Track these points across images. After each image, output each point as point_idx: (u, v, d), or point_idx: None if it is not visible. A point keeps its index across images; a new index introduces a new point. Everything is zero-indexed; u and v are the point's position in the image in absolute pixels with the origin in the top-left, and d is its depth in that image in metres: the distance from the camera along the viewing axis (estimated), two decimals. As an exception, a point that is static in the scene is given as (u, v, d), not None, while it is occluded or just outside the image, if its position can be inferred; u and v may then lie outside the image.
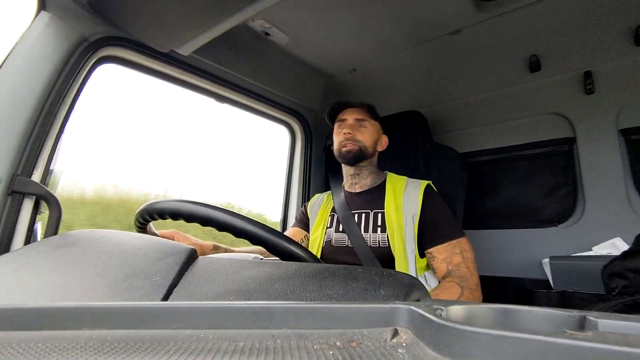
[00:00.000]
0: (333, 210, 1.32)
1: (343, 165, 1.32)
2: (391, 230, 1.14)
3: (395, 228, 1.13)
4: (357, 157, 1.24)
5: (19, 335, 0.25)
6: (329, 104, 1.31)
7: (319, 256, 1.23)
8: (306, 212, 1.43)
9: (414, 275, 1.07)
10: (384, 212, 1.19)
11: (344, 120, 1.28)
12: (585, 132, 1.42)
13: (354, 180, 1.31)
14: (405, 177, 1.28)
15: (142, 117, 1.82)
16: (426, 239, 1.13)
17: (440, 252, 1.09)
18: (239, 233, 0.56)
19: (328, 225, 1.30)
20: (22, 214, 0.92)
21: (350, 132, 1.23)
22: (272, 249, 0.55)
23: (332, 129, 1.34)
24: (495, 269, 1.56)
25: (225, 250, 1.13)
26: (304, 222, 1.42)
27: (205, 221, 0.59)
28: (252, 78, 1.50)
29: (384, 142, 1.33)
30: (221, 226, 0.57)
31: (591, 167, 1.39)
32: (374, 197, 1.25)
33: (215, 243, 1.12)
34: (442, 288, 1.00)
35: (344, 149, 1.24)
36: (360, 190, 1.30)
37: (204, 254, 1.01)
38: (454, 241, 1.09)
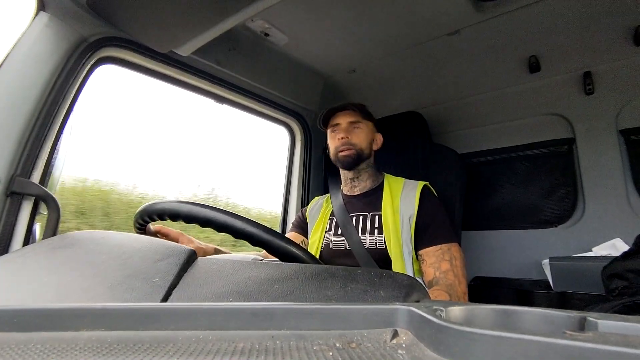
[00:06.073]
0: (332, 214, 1.32)
1: (341, 169, 1.32)
2: (387, 232, 1.14)
3: (392, 230, 1.13)
4: (355, 161, 1.24)
5: (17, 337, 0.25)
6: (324, 108, 1.30)
7: None
8: (304, 217, 1.42)
9: None
10: (381, 214, 1.19)
11: (337, 124, 1.28)
12: (584, 133, 1.42)
13: (353, 184, 1.31)
14: (402, 179, 1.28)
15: (141, 118, 1.82)
16: (418, 240, 1.13)
17: (429, 256, 1.09)
18: (238, 234, 0.56)
19: (327, 229, 1.30)
20: (21, 215, 0.92)
21: (345, 136, 1.23)
22: (272, 250, 0.55)
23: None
24: (494, 269, 1.56)
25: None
26: (301, 227, 1.41)
27: (204, 222, 0.58)
28: (252, 79, 1.50)
29: (379, 141, 1.33)
30: (221, 227, 0.57)
31: (591, 167, 1.40)
32: (372, 200, 1.25)
33: (217, 247, 1.11)
34: (431, 297, 1.00)
35: (341, 153, 1.24)
36: (359, 193, 1.30)
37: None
38: (445, 246, 1.08)
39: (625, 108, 1.34)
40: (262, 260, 0.70)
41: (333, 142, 1.28)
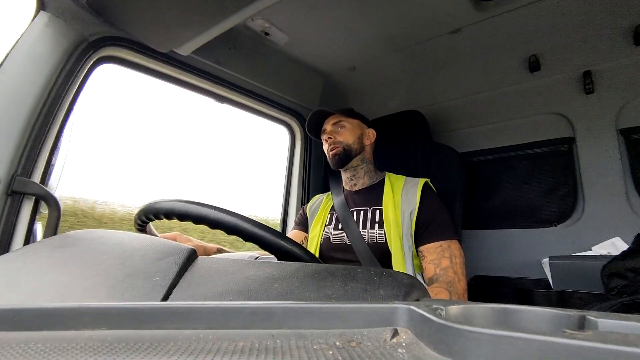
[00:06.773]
0: (332, 209, 1.34)
1: (337, 169, 1.36)
2: (388, 227, 1.15)
3: (393, 224, 1.14)
4: (344, 157, 1.28)
5: (18, 336, 0.25)
6: (310, 118, 1.36)
7: (317, 253, 1.24)
8: (305, 214, 1.44)
9: (411, 273, 1.07)
10: (382, 208, 1.20)
11: (324, 130, 1.35)
12: (584, 132, 1.42)
13: (352, 182, 1.34)
14: (403, 176, 1.29)
15: (141, 117, 1.82)
16: (418, 236, 1.14)
17: (429, 252, 1.09)
18: (231, 230, 0.56)
19: (327, 223, 1.31)
20: (22, 214, 0.92)
21: (331, 136, 1.30)
22: (266, 246, 0.55)
23: None
24: (494, 268, 1.56)
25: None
26: (303, 224, 1.43)
27: (197, 219, 0.58)
28: (252, 78, 1.50)
29: (371, 135, 1.35)
30: (214, 224, 0.57)
31: (591, 166, 1.39)
32: (373, 195, 1.27)
33: (219, 246, 1.12)
34: (431, 293, 1.00)
35: (330, 153, 1.29)
36: (360, 188, 1.32)
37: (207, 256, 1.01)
38: (445, 243, 1.09)
39: (625, 107, 1.34)
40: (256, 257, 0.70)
41: (324, 146, 1.34)
